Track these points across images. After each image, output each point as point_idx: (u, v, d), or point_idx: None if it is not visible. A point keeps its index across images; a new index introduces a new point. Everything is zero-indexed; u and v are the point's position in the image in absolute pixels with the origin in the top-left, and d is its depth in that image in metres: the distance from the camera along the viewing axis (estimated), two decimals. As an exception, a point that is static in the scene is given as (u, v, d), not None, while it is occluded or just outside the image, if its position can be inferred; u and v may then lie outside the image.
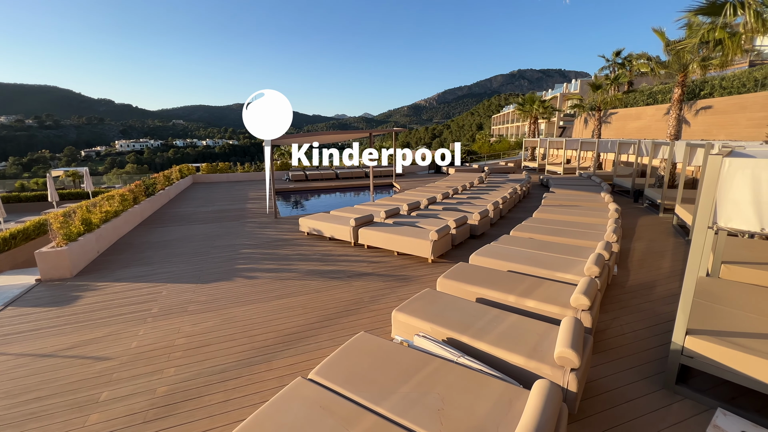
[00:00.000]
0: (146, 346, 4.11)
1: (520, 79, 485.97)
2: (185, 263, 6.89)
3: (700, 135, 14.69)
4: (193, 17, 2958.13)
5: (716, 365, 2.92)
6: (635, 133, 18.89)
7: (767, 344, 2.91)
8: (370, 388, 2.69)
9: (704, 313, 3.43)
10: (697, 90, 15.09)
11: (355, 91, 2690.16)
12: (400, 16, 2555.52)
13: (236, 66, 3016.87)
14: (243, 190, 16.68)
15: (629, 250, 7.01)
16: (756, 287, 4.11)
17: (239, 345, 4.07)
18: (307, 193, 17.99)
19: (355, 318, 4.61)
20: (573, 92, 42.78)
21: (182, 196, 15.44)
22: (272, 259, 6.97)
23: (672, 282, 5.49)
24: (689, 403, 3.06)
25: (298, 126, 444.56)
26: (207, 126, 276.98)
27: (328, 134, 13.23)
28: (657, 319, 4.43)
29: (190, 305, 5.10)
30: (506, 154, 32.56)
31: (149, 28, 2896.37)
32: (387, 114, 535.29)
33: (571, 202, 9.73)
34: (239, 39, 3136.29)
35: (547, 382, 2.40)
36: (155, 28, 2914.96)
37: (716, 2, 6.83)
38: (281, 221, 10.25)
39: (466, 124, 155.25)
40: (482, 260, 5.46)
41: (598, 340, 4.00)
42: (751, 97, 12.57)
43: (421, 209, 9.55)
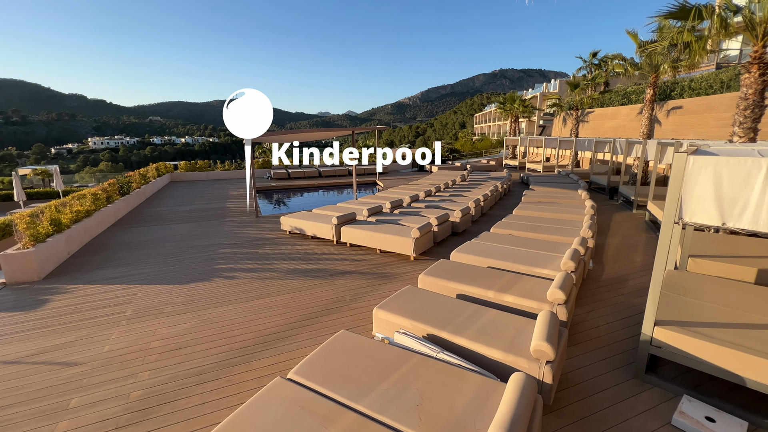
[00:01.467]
0: (119, 350, 3.98)
1: (501, 79, 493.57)
2: (162, 264, 6.69)
3: (671, 134, 15.28)
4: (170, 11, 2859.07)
5: (682, 354, 3.05)
6: (611, 132, 19.49)
7: (730, 334, 3.06)
8: (349, 386, 2.68)
9: (672, 304, 3.58)
10: (668, 91, 15.68)
11: (339, 89, 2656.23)
12: (384, 14, 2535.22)
13: (217, 62, 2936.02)
14: (223, 189, 16.32)
15: (604, 246, 7.24)
16: (721, 279, 4.32)
17: (218, 346, 3.99)
18: (290, 191, 17.77)
19: (337, 316, 4.59)
20: (552, 92, 43.76)
21: (159, 195, 14.99)
22: (252, 259, 6.86)
23: (644, 275, 5.70)
24: (658, 391, 3.19)
25: (280, 123, 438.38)
26: (186, 123, 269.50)
27: (311, 132, 13.09)
28: (629, 311, 4.60)
29: (167, 307, 4.96)
30: (488, 153, 33.03)
31: (123, 22, 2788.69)
32: (371, 112, 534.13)
33: (550, 199, 9.96)
34: (220, 34, 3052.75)
35: (522, 375, 2.45)
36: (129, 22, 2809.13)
37: (685, 7, 7.11)
38: (262, 220, 10.10)
39: (449, 123, 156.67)
40: (463, 257, 5.53)
41: (573, 333, 4.12)
42: (717, 98, 13.16)
43: (404, 207, 9.58)
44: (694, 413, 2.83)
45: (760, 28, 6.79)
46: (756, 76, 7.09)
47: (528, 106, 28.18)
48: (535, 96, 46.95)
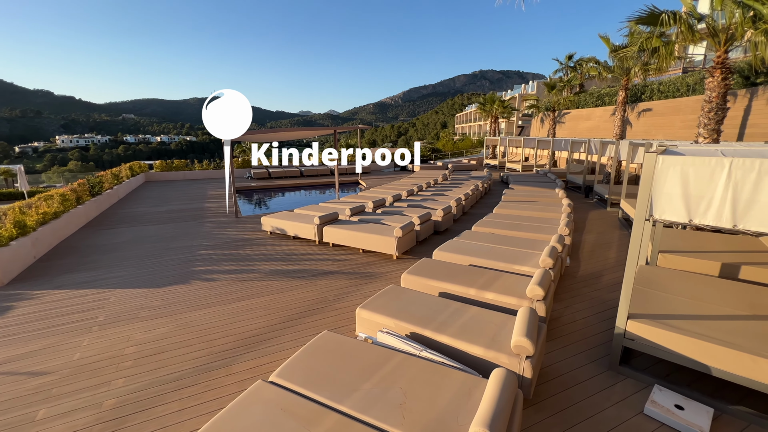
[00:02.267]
0: (91, 357, 3.81)
1: (481, 80, 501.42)
2: (136, 267, 6.46)
3: (641, 135, 15.91)
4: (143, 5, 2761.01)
5: (653, 346, 3.18)
6: (586, 133, 20.11)
7: (696, 325, 3.22)
8: (332, 387, 2.67)
9: (644, 298, 3.73)
10: (639, 93, 16.32)
11: (321, 88, 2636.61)
12: (366, 14, 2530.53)
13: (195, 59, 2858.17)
14: (201, 189, 15.90)
15: (580, 242, 7.47)
16: (688, 273, 4.53)
17: (196, 351, 3.89)
18: (270, 191, 17.49)
19: (319, 317, 4.55)
20: (530, 93, 44.79)
21: (133, 196, 14.46)
22: (232, 260, 6.71)
23: (618, 271, 5.92)
24: (631, 381, 3.32)
25: (260, 122, 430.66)
26: (161, 121, 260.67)
27: (293, 131, 12.93)
28: (604, 305, 4.76)
29: (142, 311, 4.79)
30: (469, 152, 33.49)
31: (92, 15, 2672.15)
32: (353, 111, 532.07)
33: (529, 198, 10.19)
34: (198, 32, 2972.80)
35: (503, 371, 2.50)
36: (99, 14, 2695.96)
37: (654, 13, 7.42)
38: (242, 221, 9.90)
39: (430, 123, 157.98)
40: (445, 255, 5.59)
41: (551, 328, 4.23)
42: (684, 100, 13.79)
43: (386, 206, 9.60)
44: (665, 402, 2.96)
45: (722, 35, 7.16)
46: (719, 81, 7.47)
47: (507, 106, 28.75)
48: (514, 97, 47.94)
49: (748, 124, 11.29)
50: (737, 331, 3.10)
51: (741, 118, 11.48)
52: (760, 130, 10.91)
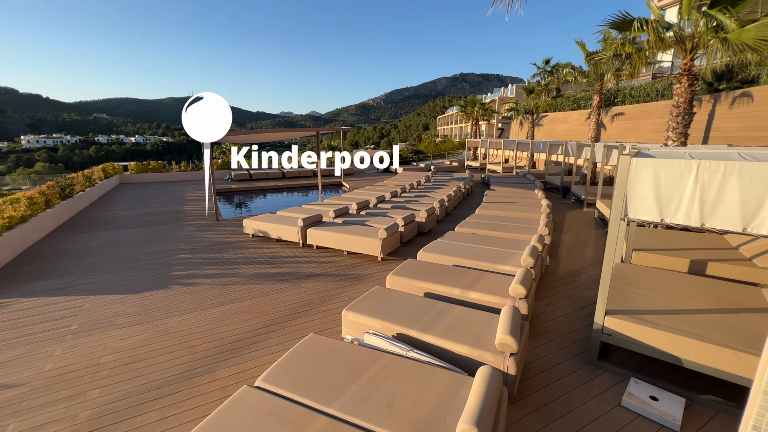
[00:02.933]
0: (65, 368, 3.65)
1: (462, 82, 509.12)
2: (112, 272, 6.23)
3: (615, 137, 16.54)
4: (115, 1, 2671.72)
5: (629, 340, 3.32)
6: (563, 135, 20.74)
7: (668, 319, 3.37)
8: (320, 389, 2.65)
9: (620, 295, 3.88)
10: (612, 98, 16.98)
11: (302, 89, 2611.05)
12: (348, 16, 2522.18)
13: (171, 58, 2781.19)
14: (179, 191, 15.48)
15: (559, 242, 7.69)
16: (660, 270, 4.75)
17: (177, 357, 3.78)
18: (252, 193, 17.19)
19: (305, 320, 4.51)
20: (510, 96, 45.79)
21: (107, 199, 13.92)
22: (214, 264, 6.56)
23: (594, 269, 6.13)
24: (609, 375, 3.44)
25: (240, 123, 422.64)
26: (136, 121, 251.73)
27: (274, 132, 12.75)
28: (583, 303, 4.92)
29: (119, 318, 4.62)
30: (451, 154, 33.91)
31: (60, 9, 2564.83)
32: (335, 112, 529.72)
33: (509, 199, 10.42)
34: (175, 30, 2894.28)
35: (488, 368, 2.55)
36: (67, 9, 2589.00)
37: (626, 19, 7.75)
38: (223, 223, 9.69)
39: (413, 124, 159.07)
40: (429, 256, 5.64)
41: (533, 326, 4.34)
42: (654, 105, 14.44)
43: (370, 208, 9.61)
44: (641, 394, 3.09)
45: (688, 43, 7.54)
46: (686, 86, 7.86)
47: (488, 109, 29.30)
48: (494, 100, 48.90)
49: (712, 128, 11.92)
50: (705, 325, 3.27)
51: (706, 123, 12.11)
52: (722, 133, 11.54)
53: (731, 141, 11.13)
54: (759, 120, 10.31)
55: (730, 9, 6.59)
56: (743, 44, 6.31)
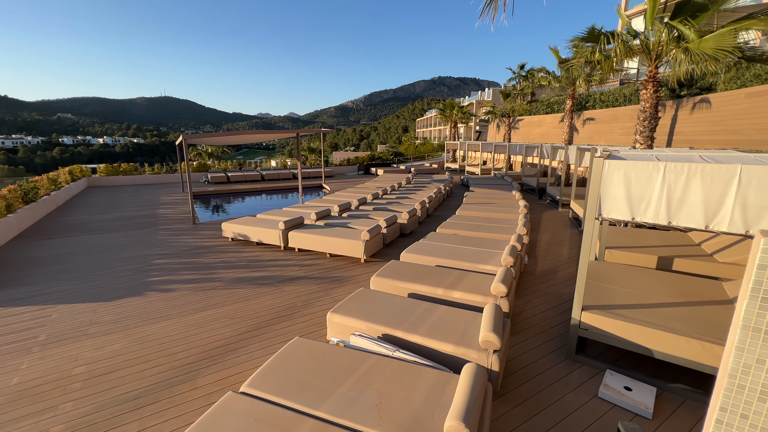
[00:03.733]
0: (33, 381, 3.46)
1: (440, 86, 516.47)
2: (82, 280, 5.95)
3: (586, 140, 17.22)
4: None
5: (604, 334, 3.48)
6: (538, 138, 21.40)
7: (640, 313, 3.56)
8: (307, 393, 2.64)
9: (595, 291, 4.05)
10: (584, 102, 17.70)
11: (280, 90, 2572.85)
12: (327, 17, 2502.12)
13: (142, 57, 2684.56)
14: (153, 194, 14.94)
15: (536, 241, 7.94)
16: (631, 267, 4.98)
17: (155, 366, 3.66)
18: (229, 196, 16.81)
19: (289, 324, 4.47)
20: (487, 100, 46.83)
21: (75, 203, 13.27)
22: (192, 269, 6.38)
23: (570, 267, 6.36)
24: (586, 368, 3.59)
25: (216, 124, 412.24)
26: (104, 121, 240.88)
27: (253, 134, 12.54)
28: (560, 299, 5.10)
29: (91, 327, 4.43)
30: (430, 156, 34.32)
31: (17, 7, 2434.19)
32: (314, 114, 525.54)
33: (488, 200, 10.66)
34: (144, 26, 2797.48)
35: (473, 365, 2.62)
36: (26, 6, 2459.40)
37: (594, 32, 8.15)
38: (200, 227, 9.43)
39: (392, 127, 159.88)
40: (412, 257, 5.70)
41: (514, 323, 4.47)
42: (622, 110, 15.14)
43: (352, 210, 9.60)
44: (615, 384, 3.24)
45: (653, 51, 7.98)
46: (651, 92, 8.31)
47: (466, 112, 29.86)
48: (472, 103, 49.87)
49: (675, 131, 12.63)
50: (673, 317, 3.47)
51: (669, 126, 12.81)
52: (684, 137, 12.25)
53: (692, 144, 11.82)
54: (716, 124, 11.01)
55: (690, 20, 7.02)
56: (704, 53, 6.74)
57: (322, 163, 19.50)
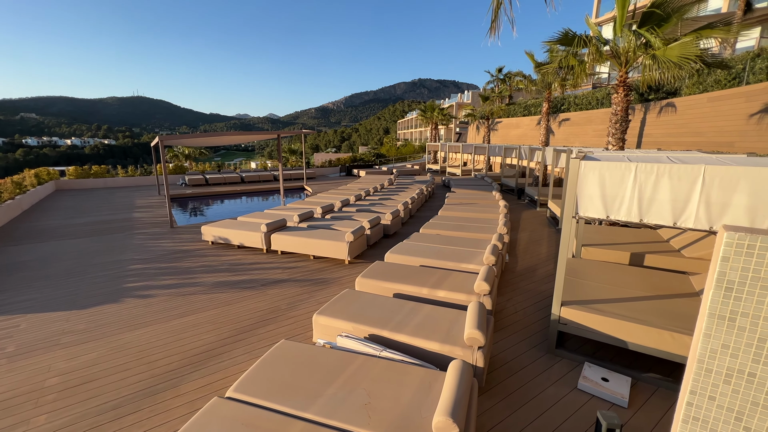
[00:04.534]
0: (1, 395, 3.29)
1: (420, 88, 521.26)
2: (53, 287, 5.68)
3: (562, 142, 17.81)
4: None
5: (582, 328, 3.62)
6: (516, 140, 21.95)
7: (615, 307, 3.72)
8: (295, 395, 2.63)
9: (573, 287, 4.21)
10: (559, 105, 18.30)
11: (259, 90, 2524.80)
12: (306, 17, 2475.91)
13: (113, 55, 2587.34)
14: (127, 198, 14.42)
15: (516, 240, 8.15)
16: (606, 263, 5.20)
17: (135, 374, 3.55)
18: (208, 198, 16.42)
19: (274, 327, 4.42)
20: (466, 102, 47.64)
21: (42, 207, 12.64)
22: (171, 274, 6.21)
23: (549, 264, 6.57)
24: (566, 361, 3.73)
25: (193, 125, 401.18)
26: (72, 122, 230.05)
27: (233, 135, 12.31)
28: (540, 296, 5.27)
29: (64, 336, 4.24)
30: (412, 157, 34.59)
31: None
32: (294, 115, 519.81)
33: (470, 201, 10.85)
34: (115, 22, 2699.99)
35: (459, 362, 2.67)
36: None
37: (568, 35, 8.46)
38: (178, 231, 9.18)
39: (373, 128, 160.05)
40: (397, 258, 5.75)
41: (497, 320, 4.58)
42: (595, 112, 15.76)
43: (335, 212, 9.57)
44: (593, 376, 3.38)
45: (623, 57, 8.36)
46: (622, 96, 8.69)
47: (446, 114, 30.28)
48: (452, 105, 50.59)
49: (644, 133, 13.24)
50: (645, 310, 3.64)
51: (639, 129, 13.42)
52: (652, 138, 12.86)
53: (660, 145, 12.43)
54: (681, 127, 11.62)
55: (656, 29, 7.40)
56: (669, 61, 7.11)
57: (304, 165, 19.33)
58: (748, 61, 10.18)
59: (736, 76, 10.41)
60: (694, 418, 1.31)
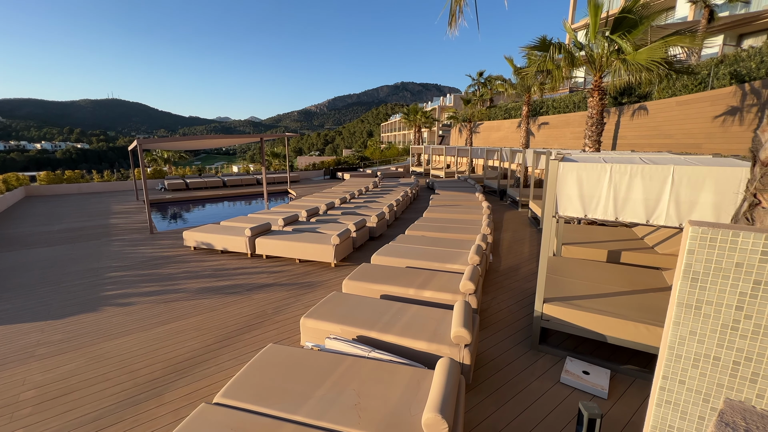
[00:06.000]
0: (-28, 411, 3.15)
1: (403, 91, 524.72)
2: (23, 297, 5.45)
3: (541, 144, 18.29)
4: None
5: (564, 323, 3.74)
6: (498, 142, 22.40)
7: (594, 303, 3.86)
8: (284, 398, 2.63)
9: (554, 284, 4.34)
10: (538, 108, 18.81)
11: (241, 93, 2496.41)
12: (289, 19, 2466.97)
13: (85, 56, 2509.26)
14: (103, 203, 13.95)
15: (499, 240, 8.32)
16: (585, 261, 5.38)
17: (116, 384, 3.45)
18: (189, 203, 16.06)
19: (260, 332, 4.38)
20: (449, 105, 48.27)
21: (11, 214, 12.09)
22: (152, 281, 6.05)
23: (531, 263, 6.74)
24: (549, 357, 3.84)
25: (171, 128, 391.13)
26: (42, 125, 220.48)
27: (214, 138, 12.10)
28: (523, 294, 5.40)
29: (39, 348, 4.08)
30: (396, 160, 34.77)
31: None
32: (276, 118, 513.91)
33: (453, 202, 11.01)
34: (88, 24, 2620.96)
35: (447, 360, 2.73)
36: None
37: (545, 42, 8.75)
38: (158, 237, 8.95)
39: (357, 131, 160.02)
40: (383, 259, 5.79)
41: (482, 318, 4.67)
42: (572, 115, 16.27)
43: (320, 215, 9.54)
44: (575, 370, 3.50)
45: (596, 62, 8.69)
46: (597, 100, 9.02)
47: (429, 117, 30.61)
48: (435, 108, 51.15)
49: (618, 135, 13.75)
50: (622, 305, 3.80)
51: (614, 131, 13.93)
52: (626, 140, 13.37)
53: (633, 147, 12.93)
54: (653, 129, 12.13)
55: (627, 35, 7.74)
56: (638, 64, 7.44)
57: (287, 168, 19.17)
58: (713, 66, 10.75)
59: (702, 81, 10.97)
60: (667, 401, 1.40)
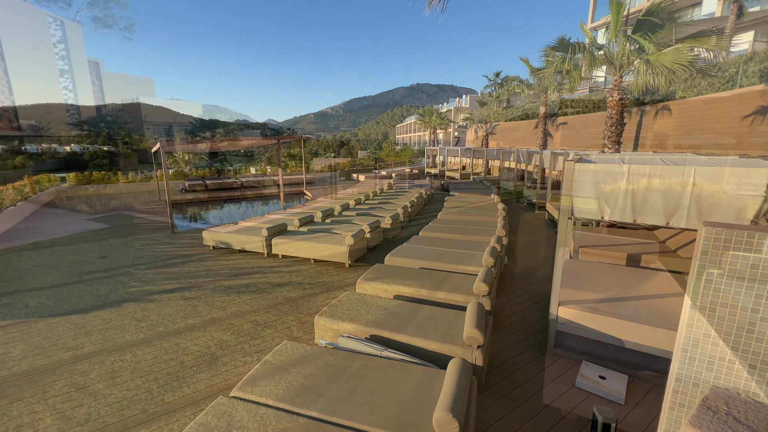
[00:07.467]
0: (8, 398, 3.34)
1: (419, 92, 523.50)
2: (54, 297, 5.73)
3: (559, 145, 17.97)
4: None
5: (580, 327, 3.69)
6: (514, 143, 22.12)
7: (612, 307, 3.79)
8: (298, 394, 2.69)
9: (570, 288, 4.27)
10: (556, 109, 18.49)
11: (259, 96, 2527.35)
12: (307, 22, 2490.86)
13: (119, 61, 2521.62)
14: (128, 203, 14.47)
15: (515, 242, 8.22)
16: (603, 264, 5.27)
17: (140, 376, 3.60)
18: (208, 203, 16.48)
19: (276, 330, 4.47)
20: (464, 106, 47.95)
21: (42, 214, 12.69)
22: (172, 278, 6.26)
23: (547, 266, 6.64)
24: (564, 360, 3.79)
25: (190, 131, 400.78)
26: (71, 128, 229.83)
27: (232, 140, 12.41)
28: (538, 297, 5.33)
29: (71, 340, 4.29)
30: (411, 162, 34.75)
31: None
32: (293, 120, 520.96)
33: (468, 204, 10.94)
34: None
35: (459, 360, 2.74)
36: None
37: (564, 42, 8.62)
38: (179, 236, 9.24)
39: (372, 133, 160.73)
40: (397, 260, 5.82)
41: (496, 320, 4.64)
42: (591, 116, 15.92)
43: (335, 216, 9.65)
44: (591, 374, 3.45)
45: (616, 62, 8.50)
46: (617, 100, 8.83)
47: (444, 118, 30.50)
48: (450, 110, 50.91)
49: (640, 136, 13.38)
50: (641, 309, 3.72)
51: (635, 131, 13.56)
52: (648, 141, 13.00)
53: (656, 148, 12.56)
54: (676, 129, 11.76)
55: (650, 35, 7.55)
56: (663, 66, 7.25)
57: (304, 170, 19.43)
58: (741, 64, 10.35)
59: (730, 79, 10.58)
60: (680, 404, 1.39)
